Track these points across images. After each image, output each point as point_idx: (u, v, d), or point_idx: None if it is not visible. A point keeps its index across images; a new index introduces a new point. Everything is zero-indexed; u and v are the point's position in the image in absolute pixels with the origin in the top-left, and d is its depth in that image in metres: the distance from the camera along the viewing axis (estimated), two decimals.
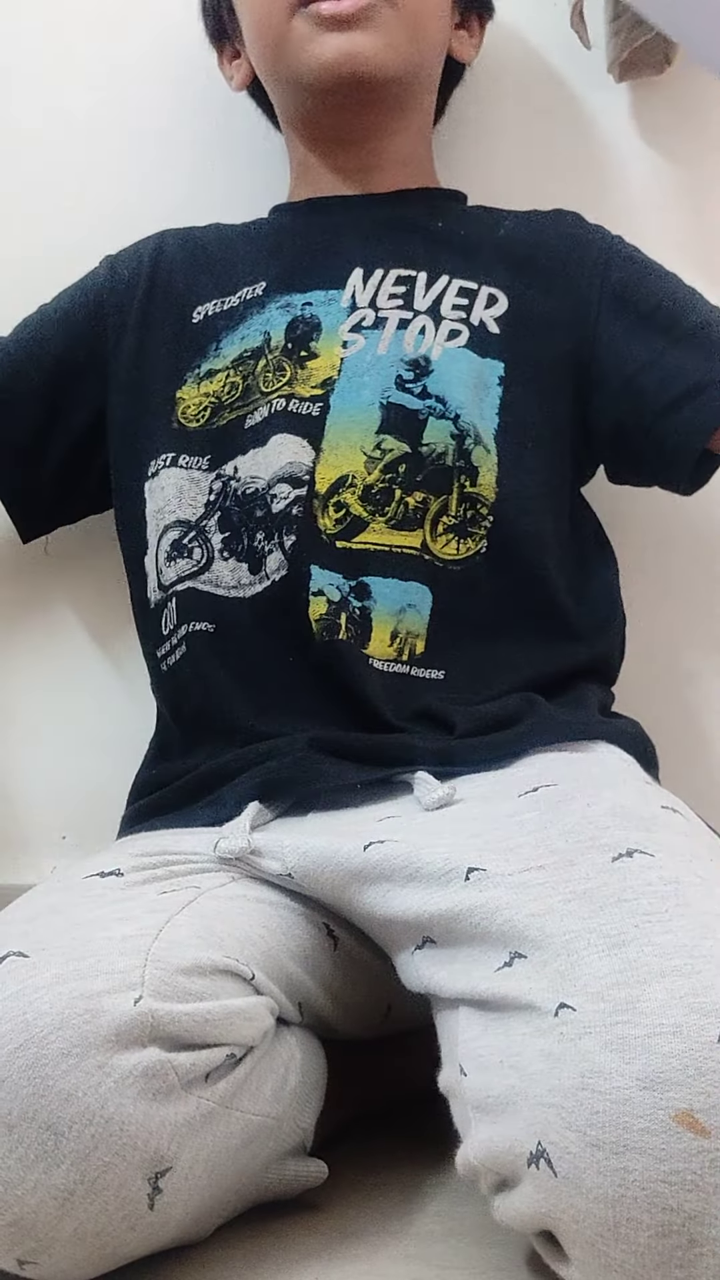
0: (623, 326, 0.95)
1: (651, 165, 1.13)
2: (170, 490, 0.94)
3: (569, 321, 0.96)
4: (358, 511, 0.90)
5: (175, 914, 0.70)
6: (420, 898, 0.70)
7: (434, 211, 1.01)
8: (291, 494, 0.90)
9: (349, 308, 0.95)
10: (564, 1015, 0.58)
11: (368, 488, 0.90)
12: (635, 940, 0.59)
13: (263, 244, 1.01)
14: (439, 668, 0.89)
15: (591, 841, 0.66)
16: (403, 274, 0.96)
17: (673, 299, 0.96)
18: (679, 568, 1.12)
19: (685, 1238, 0.54)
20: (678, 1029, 0.55)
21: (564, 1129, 0.56)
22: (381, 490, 0.90)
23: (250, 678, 0.90)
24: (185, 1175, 0.64)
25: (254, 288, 0.98)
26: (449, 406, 0.92)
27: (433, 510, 0.90)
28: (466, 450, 0.91)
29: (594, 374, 0.95)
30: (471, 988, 0.65)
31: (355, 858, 0.74)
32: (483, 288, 0.96)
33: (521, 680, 0.89)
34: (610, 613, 0.98)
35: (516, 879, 0.66)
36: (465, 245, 0.98)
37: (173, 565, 0.93)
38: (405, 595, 0.89)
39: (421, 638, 0.89)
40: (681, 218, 1.12)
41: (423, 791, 0.78)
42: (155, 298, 1.01)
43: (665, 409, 0.92)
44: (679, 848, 0.67)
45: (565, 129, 1.13)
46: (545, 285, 0.97)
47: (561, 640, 0.92)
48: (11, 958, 0.64)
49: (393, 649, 0.88)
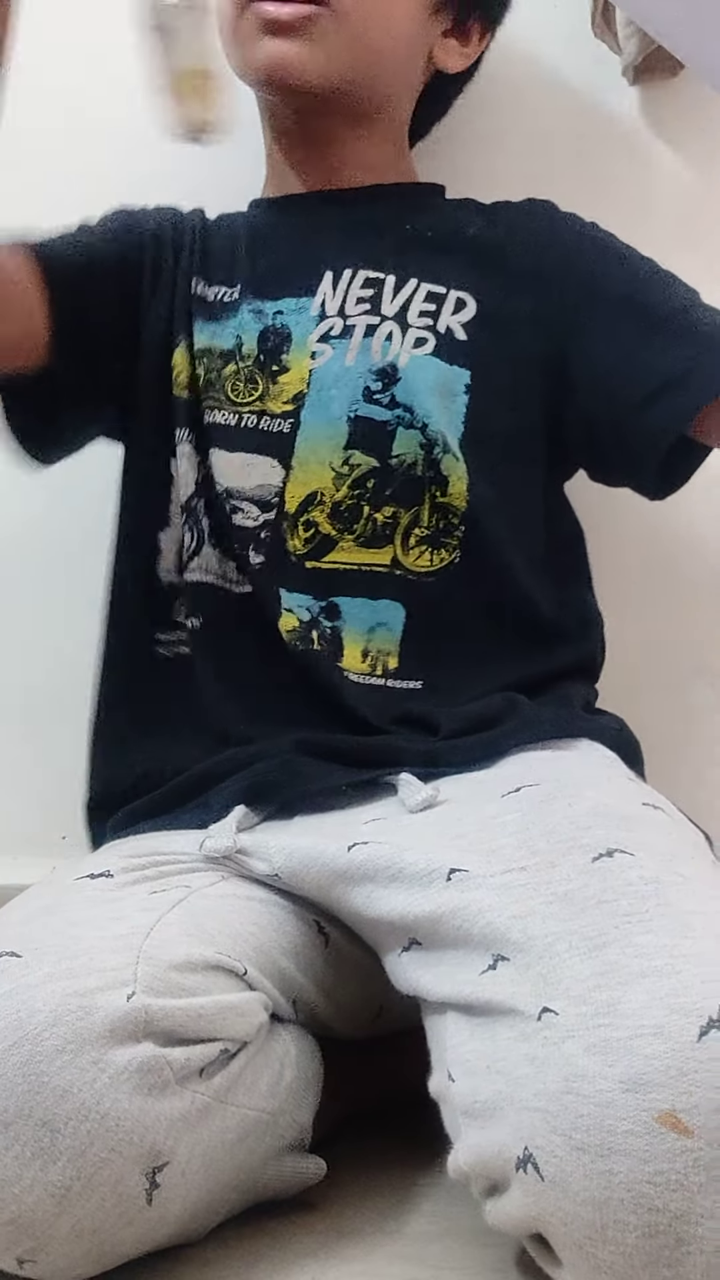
0: (594, 322, 0.93)
1: (657, 165, 1.13)
2: (184, 465, 0.94)
3: (539, 320, 0.95)
4: (326, 530, 0.90)
5: (166, 912, 0.70)
6: (404, 899, 0.70)
7: (405, 210, 1.00)
8: (260, 517, 0.90)
9: (318, 316, 0.95)
10: (547, 1019, 0.58)
11: (336, 504, 0.90)
12: (616, 941, 0.59)
13: (239, 242, 1.01)
14: (415, 679, 0.89)
15: (573, 842, 0.66)
16: (370, 276, 0.95)
17: (644, 288, 0.94)
18: (666, 563, 1.12)
19: (672, 1237, 0.54)
20: (659, 1030, 0.55)
21: (549, 1133, 0.56)
22: (350, 507, 0.90)
23: (234, 678, 0.90)
24: (182, 1170, 0.64)
25: (231, 290, 0.98)
26: (416, 415, 0.91)
27: (403, 523, 0.90)
28: (435, 459, 0.91)
29: (565, 373, 0.94)
30: (457, 991, 0.65)
31: (340, 858, 0.74)
32: (451, 291, 0.95)
33: (501, 685, 0.88)
34: (587, 612, 0.97)
35: (498, 880, 0.66)
36: (434, 246, 0.97)
37: (174, 551, 0.94)
38: (375, 614, 0.89)
39: (394, 654, 0.89)
40: (687, 216, 1.12)
41: (407, 793, 0.78)
42: (161, 261, 0.99)
43: (634, 409, 0.90)
44: (660, 846, 0.67)
45: (569, 130, 1.14)
46: (514, 285, 0.95)
47: (540, 643, 0.92)
48: (4, 958, 0.65)
49: (366, 664, 0.89)
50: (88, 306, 0.95)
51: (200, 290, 0.99)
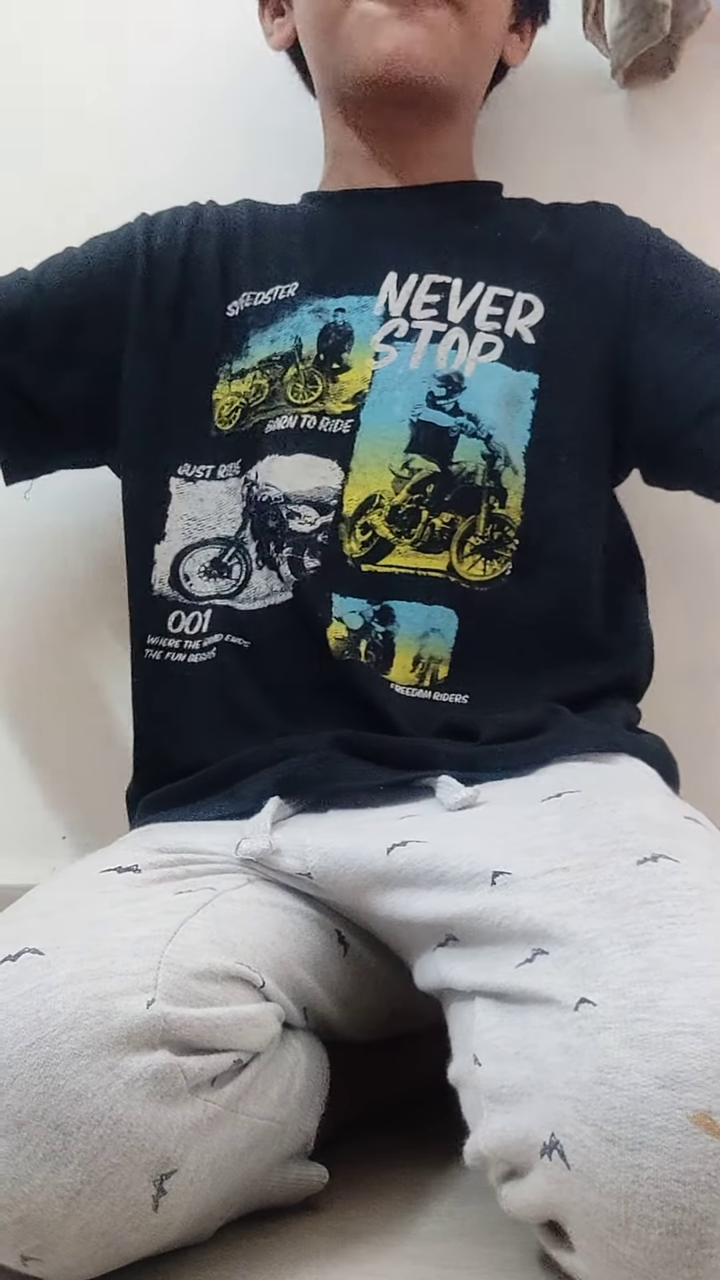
0: (658, 330, 0.94)
1: (647, 168, 1.14)
2: (210, 504, 0.94)
3: (605, 326, 0.95)
4: (384, 533, 0.89)
5: (190, 917, 0.70)
6: (445, 900, 0.70)
7: (470, 210, 1.00)
8: (319, 520, 0.90)
9: (382, 316, 0.94)
10: (584, 1010, 0.58)
11: (394, 508, 0.90)
12: (659, 940, 0.59)
13: (296, 238, 1.00)
14: (462, 692, 0.88)
15: (615, 845, 0.67)
16: (437, 280, 0.95)
17: (710, 298, 0.94)
18: (704, 581, 1.12)
19: (695, 1238, 0.54)
20: (699, 1029, 0.55)
21: (579, 1122, 0.56)
22: (409, 511, 0.89)
23: (277, 687, 0.89)
24: (190, 1178, 0.64)
25: (287, 287, 0.97)
26: (481, 425, 0.91)
27: (460, 531, 0.89)
28: (497, 471, 0.90)
29: (628, 379, 0.94)
30: (491, 980, 0.65)
31: (378, 860, 0.74)
32: (518, 294, 0.95)
33: (545, 699, 0.88)
34: (638, 630, 0.97)
35: (541, 880, 0.66)
36: (501, 248, 0.97)
37: (211, 581, 0.93)
38: (430, 620, 0.89)
39: (445, 663, 0.88)
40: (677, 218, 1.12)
41: (445, 793, 0.78)
42: (188, 282, 0.99)
43: (698, 417, 0.91)
44: (702, 855, 0.67)
45: (559, 131, 1.14)
46: (582, 289, 0.96)
47: (588, 660, 0.92)
48: (27, 954, 0.64)
49: (414, 674, 0.88)
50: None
51: (244, 305, 0.98)
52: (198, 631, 0.93)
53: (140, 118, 1.12)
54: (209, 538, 0.94)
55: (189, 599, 0.93)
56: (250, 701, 0.90)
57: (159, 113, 1.16)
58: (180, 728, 0.93)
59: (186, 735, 0.92)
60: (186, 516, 0.94)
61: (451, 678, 0.88)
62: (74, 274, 1.00)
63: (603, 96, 1.14)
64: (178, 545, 0.94)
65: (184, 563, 0.94)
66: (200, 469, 0.95)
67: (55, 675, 1.14)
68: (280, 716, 0.89)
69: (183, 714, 0.93)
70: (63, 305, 0.99)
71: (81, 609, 0.99)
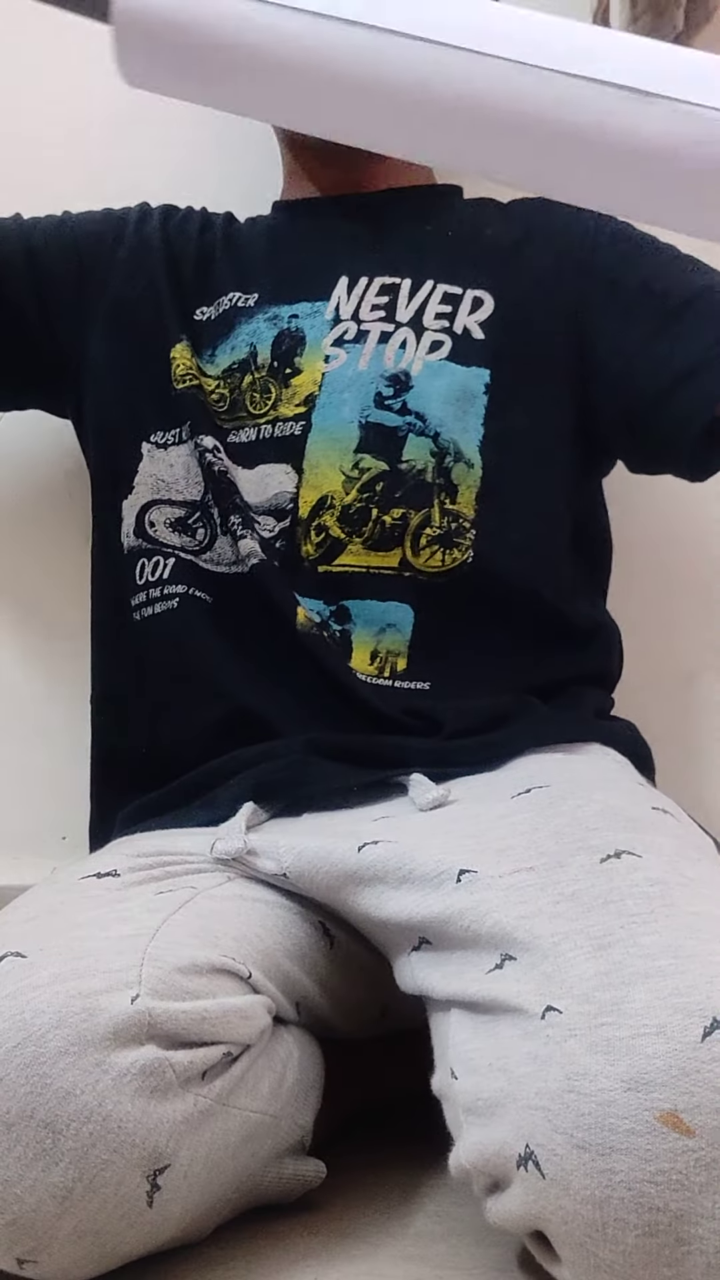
0: (614, 312, 0.93)
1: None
2: (179, 469, 0.94)
3: (559, 316, 0.94)
4: (336, 534, 0.90)
5: (172, 914, 0.71)
6: (414, 900, 0.70)
7: (424, 212, 1.00)
8: (276, 527, 0.90)
9: (333, 320, 0.95)
10: (550, 1018, 0.58)
11: (345, 508, 0.90)
12: (621, 941, 0.59)
13: (259, 249, 1.01)
14: (423, 680, 0.89)
15: (581, 843, 0.67)
16: (387, 282, 0.95)
17: (664, 274, 0.93)
18: (677, 567, 1.12)
19: (672, 1237, 0.54)
20: (661, 1029, 0.55)
21: (551, 1131, 0.56)
22: (359, 510, 0.90)
23: (241, 645, 0.90)
24: (184, 1173, 0.64)
25: (247, 297, 0.98)
26: (428, 424, 0.91)
27: (413, 524, 0.89)
28: (446, 468, 0.90)
29: (591, 364, 0.94)
30: (463, 990, 0.65)
31: (349, 859, 0.75)
32: (467, 291, 0.95)
33: (511, 688, 0.88)
34: (603, 618, 0.97)
35: (507, 880, 0.66)
36: (451, 247, 0.97)
37: (176, 535, 0.93)
38: (385, 615, 0.89)
39: (403, 655, 0.89)
40: None
41: (418, 793, 0.78)
42: (172, 274, 1.00)
43: (664, 392, 0.90)
44: (667, 848, 0.67)
45: None
46: (533, 282, 0.95)
47: (556, 649, 0.92)
48: (10, 958, 0.65)
49: (374, 667, 0.88)
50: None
51: (209, 314, 0.99)
52: (159, 578, 0.93)
53: (140, 118, 1.13)
54: (175, 499, 0.94)
55: (153, 544, 0.94)
56: (209, 657, 0.90)
57: (159, 113, 1.16)
58: (134, 695, 0.94)
59: (140, 706, 0.93)
60: (155, 476, 0.95)
61: (410, 669, 0.89)
62: (64, 233, 1.01)
63: None
64: (144, 498, 0.95)
65: (150, 512, 0.94)
66: (170, 435, 0.95)
67: (55, 675, 1.15)
68: (240, 677, 0.89)
69: (139, 677, 0.94)
70: (47, 259, 1.00)
71: (81, 610, 0.99)
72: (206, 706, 0.89)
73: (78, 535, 1.05)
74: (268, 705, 0.87)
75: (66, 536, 1.10)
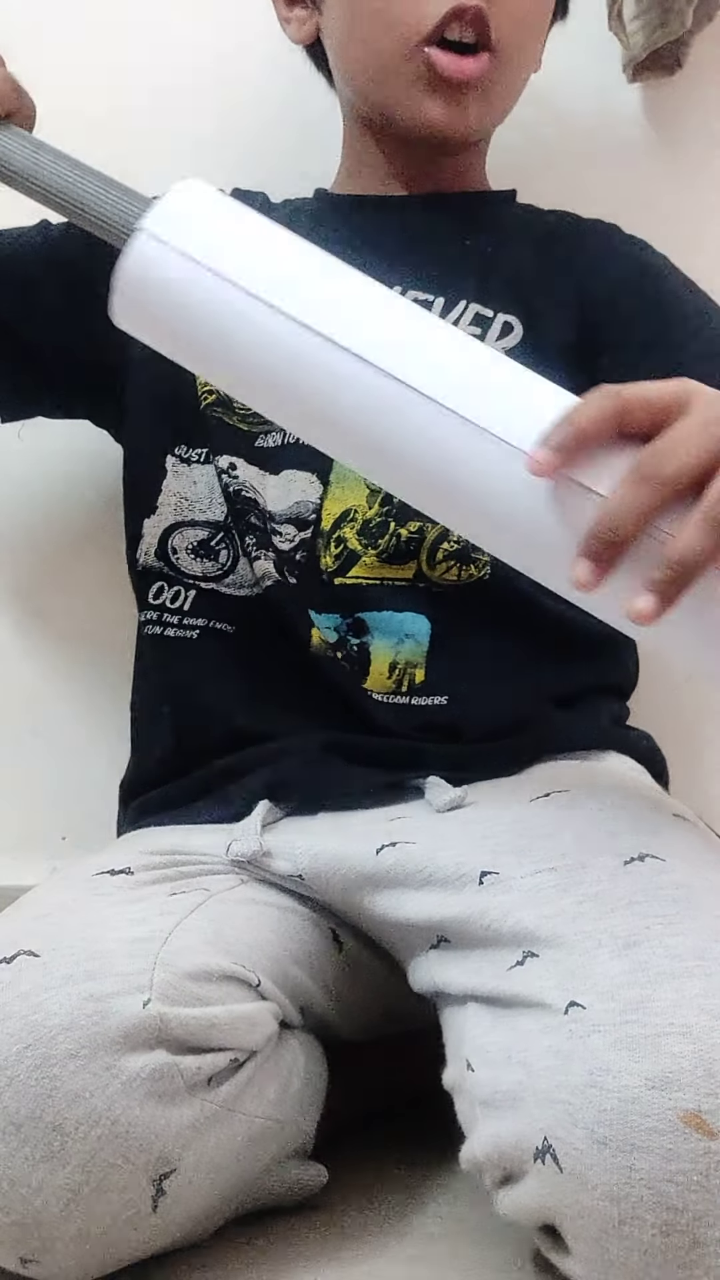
0: (629, 351, 0.92)
1: (656, 163, 1.14)
2: (202, 488, 0.93)
3: (577, 350, 0.93)
4: (353, 546, 0.89)
5: (184, 917, 0.70)
6: (435, 901, 0.70)
7: (466, 223, 0.98)
8: (297, 537, 0.89)
9: None
10: (574, 1013, 0.59)
11: (366, 522, 0.89)
12: (646, 942, 0.60)
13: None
14: (441, 694, 0.88)
15: (602, 846, 0.67)
16: (419, 298, 0.94)
17: (684, 315, 0.93)
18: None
19: (689, 1238, 0.55)
20: (687, 1030, 0.56)
21: (571, 1125, 0.56)
22: (379, 524, 0.89)
23: (255, 672, 0.89)
24: (189, 1178, 0.64)
25: None
26: None
27: (430, 538, 0.88)
28: None
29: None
30: (482, 984, 0.66)
31: (367, 862, 0.75)
32: (498, 315, 0.93)
33: (528, 698, 0.88)
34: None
35: (529, 881, 0.67)
36: (487, 266, 0.96)
37: (198, 561, 0.92)
38: (402, 626, 0.88)
39: (420, 667, 0.88)
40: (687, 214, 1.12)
41: (434, 794, 0.78)
42: None
43: None
44: (690, 854, 0.68)
45: (567, 127, 1.14)
46: (557, 313, 0.94)
47: (570, 659, 0.91)
48: (23, 956, 0.65)
49: (391, 681, 0.87)
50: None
51: None
52: (179, 607, 0.92)
53: (140, 118, 1.12)
54: (199, 519, 0.93)
55: (174, 572, 0.93)
56: (226, 690, 0.89)
57: (159, 113, 1.16)
58: (161, 700, 0.93)
59: (162, 713, 0.93)
60: (179, 494, 0.94)
61: (428, 681, 0.87)
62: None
63: (610, 93, 1.13)
64: (168, 520, 0.94)
65: (173, 537, 0.94)
66: (196, 451, 0.94)
67: (55, 675, 1.14)
68: (253, 703, 0.88)
69: (162, 688, 0.93)
70: (73, 257, 0.95)
71: (82, 610, 0.99)
72: (219, 729, 0.89)
73: (78, 536, 1.05)
74: (281, 728, 0.87)
75: (67, 538, 1.10)
